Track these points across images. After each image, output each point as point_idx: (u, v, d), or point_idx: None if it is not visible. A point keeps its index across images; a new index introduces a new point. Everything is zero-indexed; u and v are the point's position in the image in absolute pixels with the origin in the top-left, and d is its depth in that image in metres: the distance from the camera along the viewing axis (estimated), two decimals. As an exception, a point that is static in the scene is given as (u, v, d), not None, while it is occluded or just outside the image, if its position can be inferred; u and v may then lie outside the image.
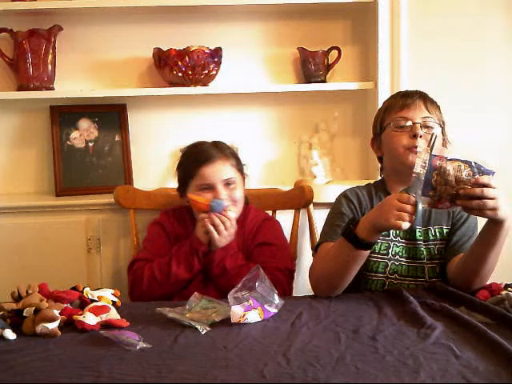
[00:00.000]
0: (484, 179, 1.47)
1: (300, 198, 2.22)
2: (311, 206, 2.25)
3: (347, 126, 2.65)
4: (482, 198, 1.46)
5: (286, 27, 2.59)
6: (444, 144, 1.86)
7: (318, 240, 1.88)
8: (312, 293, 1.98)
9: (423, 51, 2.52)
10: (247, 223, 2.01)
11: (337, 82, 2.59)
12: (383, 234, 1.80)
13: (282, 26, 2.58)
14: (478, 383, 1.15)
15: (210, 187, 1.94)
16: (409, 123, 1.78)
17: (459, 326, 1.42)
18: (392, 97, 1.92)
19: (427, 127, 1.79)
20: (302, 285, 2.00)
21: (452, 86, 2.53)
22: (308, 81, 2.54)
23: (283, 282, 1.90)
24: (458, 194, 1.47)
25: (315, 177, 2.54)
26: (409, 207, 1.49)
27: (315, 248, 1.82)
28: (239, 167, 2.02)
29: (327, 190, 2.34)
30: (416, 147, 1.76)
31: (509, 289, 1.61)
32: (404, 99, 1.83)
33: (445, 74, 2.53)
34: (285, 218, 2.23)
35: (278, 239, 2.02)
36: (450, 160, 1.49)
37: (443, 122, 1.85)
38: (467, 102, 2.55)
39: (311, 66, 2.52)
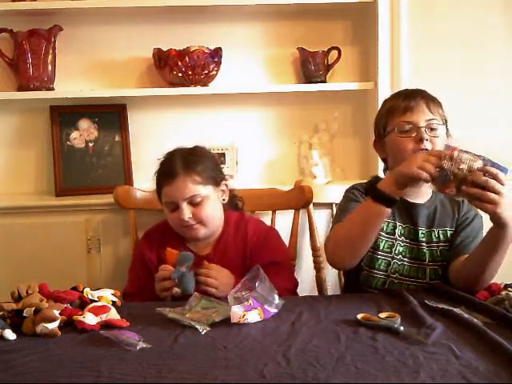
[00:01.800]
0: (492, 170, 1.47)
1: (300, 198, 2.22)
2: (311, 206, 2.25)
3: (347, 126, 2.65)
4: (485, 187, 1.46)
5: (285, 27, 2.58)
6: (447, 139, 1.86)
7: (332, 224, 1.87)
8: (312, 293, 1.98)
9: (423, 51, 2.51)
10: (249, 238, 1.95)
11: (337, 82, 2.59)
12: (388, 231, 1.80)
13: (281, 27, 2.58)
14: (478, 383, 1.15)
15: (175, 206, 1.89)
16: (413, 128, 1.75)
17: (459, 326, 1.42)
18: (393, 98, 1.86)
19: (432, 129, 1.76)
20: (302, 285, 2.01)
21: (452, 86, 2.53)
22: (308, 81, 2.54)
23: None
24: (465, 180, 1.48)
25: (315, 177, 2.54)
26: (433, 159, 1.50)
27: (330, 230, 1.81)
28: (209, 180, 1.91)
29: (327, 190, 2.34)
30: (423, 151, 1.74)
31: (509, 289, 1.61)
32: (406, 102, 1.78)
33: (445, 74, 2.53)
34: (285, 218, 2.23)
35: (284, 254, 2.01)
36: (465, 151, 1.50)
37: (446, 119, 1.83)
38: (467, 103, 2.55)
39: (311, 66, 2.52)
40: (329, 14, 2.56)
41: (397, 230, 1.80)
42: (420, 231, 1.80)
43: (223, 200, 1.98)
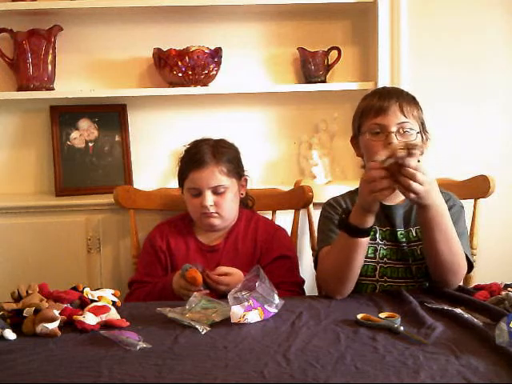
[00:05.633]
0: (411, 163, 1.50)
1: (300, 198, 2.22)
2: (311, 206, 2.25)
3: (347, 126, 2.61)
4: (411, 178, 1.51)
5: (286, 27, 2.59)
6: (424, 142, 1.82)
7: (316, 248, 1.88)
8: (312, 293, 1.97)
9: (423, 51, 2.51)
10: (260, 233, 2.01)
11: (337, 82, 2.59)
12: (369, 238, 1.79)
13: (282, 26, 2.58)
14: (478, 383, 1.15)
15: (198, 192, 1.96)
16: (383, 131, 1.74)
17: (459, 326, 1.42)
18: (369, 97, 1.84)
19: (404, 133, 1.74)
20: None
21: (452, 86, 2.54)
22: (308, 81, 2.54)
23: (300, 296, 1.91)
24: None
25: (315, 177, 2.54)
26: (377, 173, 1.51)
27: (315, 257, 1.82)
28: (234, 173, 1.99)
29: (327, 190, 2.33)
30: None
31: (509, 289, 1.61)
32: (380, 102, 1.77)
33: (445, 73, 2.53)
34: (285, 218, 2.23)
35: (292, 251, 2.05)
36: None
37: (422, 122, 1.80)
38: (467, 102, 2.55)
39: (311, 66, 2.52)
40: (329, 13, 2.56)
41: (377, 235, 1.80)
42: (399, 232, 1.81)
43: (241, 194, 2.05)
